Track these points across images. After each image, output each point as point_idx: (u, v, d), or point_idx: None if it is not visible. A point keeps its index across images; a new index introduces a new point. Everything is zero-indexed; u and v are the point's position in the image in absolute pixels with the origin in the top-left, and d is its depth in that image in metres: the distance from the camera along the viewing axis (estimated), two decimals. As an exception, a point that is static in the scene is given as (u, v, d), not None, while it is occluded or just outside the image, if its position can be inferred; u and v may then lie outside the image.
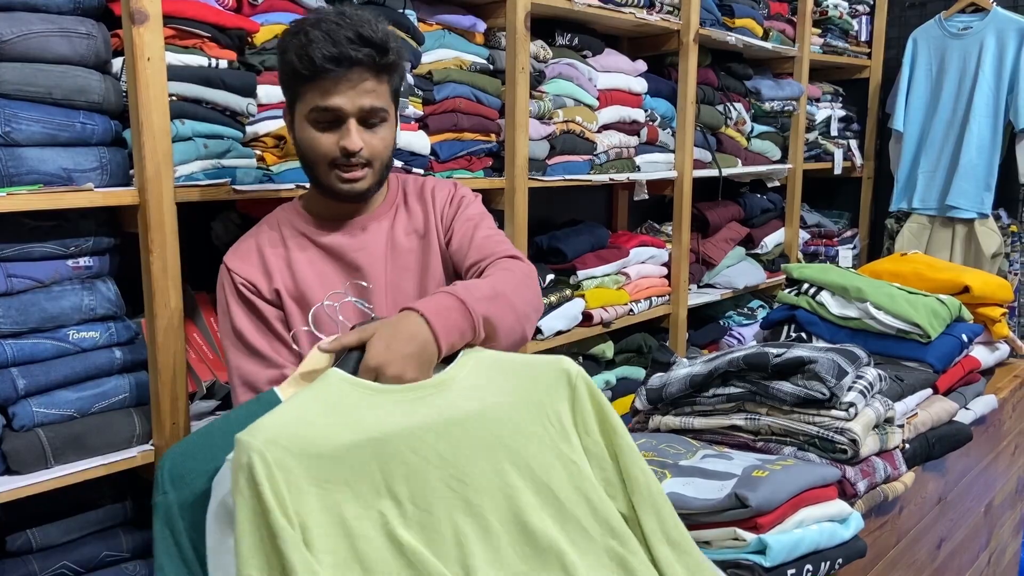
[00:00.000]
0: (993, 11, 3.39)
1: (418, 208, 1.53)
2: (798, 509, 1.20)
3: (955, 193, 3.44)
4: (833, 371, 1.34)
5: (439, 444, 1.02)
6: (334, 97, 1.33)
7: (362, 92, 1.34)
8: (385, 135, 1.41)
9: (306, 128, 1.37)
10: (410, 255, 1.50)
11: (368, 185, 1.42)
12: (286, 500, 0.92)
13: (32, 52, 1.41)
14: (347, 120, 1.35)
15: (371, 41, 1.32)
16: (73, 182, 1.46)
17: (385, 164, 1.43)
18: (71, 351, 1.51)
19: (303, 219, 1.48)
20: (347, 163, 1.37)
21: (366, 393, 1.03)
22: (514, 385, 1.10)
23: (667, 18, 2.65)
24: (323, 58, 1.29)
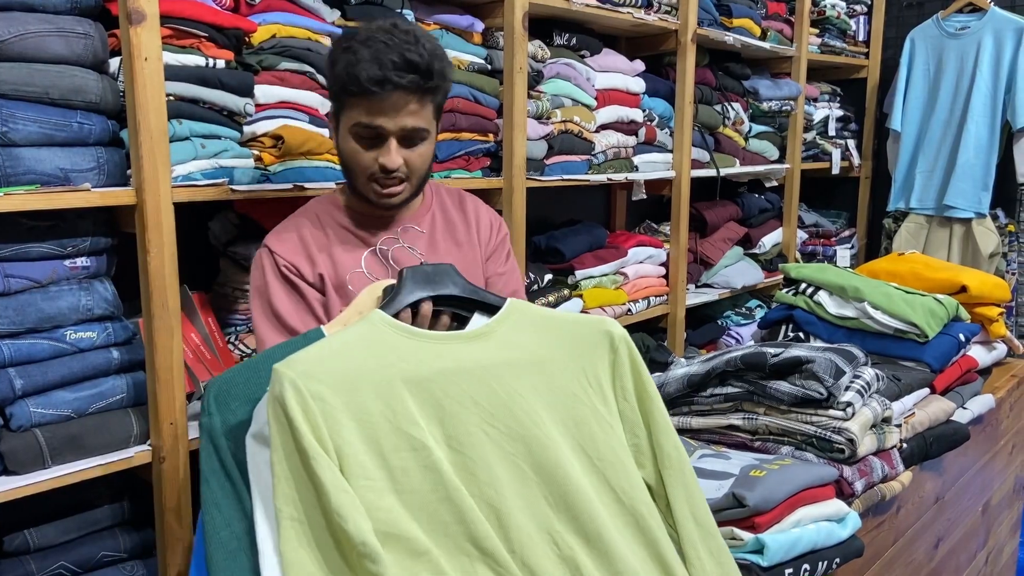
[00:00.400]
0: (991, 11, 3.40)
1: (458, 220, 1.59)
2: (795, 509, 1.20)
3: (953, 193, 3.45)
4: (831, 371, 1.34)
5: (474, 389, 1.05)
6: (377, 117, 1.37)
7: (405, 114, 1.38)
8: (424, 151, 1.45)
9: (349, 140, 1.42)
10: (450, 256, 1.55)
11: (404, 198, 1.47)
12: (321, 428, 0.96)
13: (29, 52, 1.41)
14: (388, 139, 1.39)
15: (416, 66, 1.35)
16: (70, 182, 1.46)
17: (422, 180, 1.49)
18: (68, 351, 1.51)
19: (344, 214, 1.52)
20: (385, 178, 1.41)
21: (407, 336, 1.07)
22: (556, 341, 1.12)
23: (665, 18, 2.65)
24: (368, 79, 1.33)
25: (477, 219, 1.61)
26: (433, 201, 1.59)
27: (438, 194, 1.62)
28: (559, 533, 1.03)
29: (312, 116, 1.83)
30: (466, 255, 1.57)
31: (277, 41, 1.76)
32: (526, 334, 1.12)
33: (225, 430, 1.08)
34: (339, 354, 1.01)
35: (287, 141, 1.74)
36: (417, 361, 1.05)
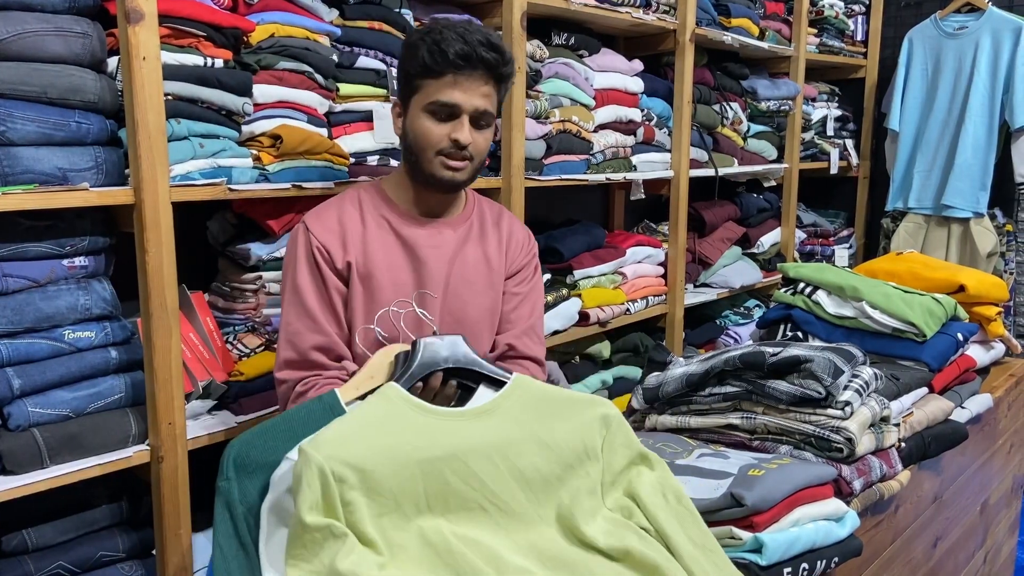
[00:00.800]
0: (988, 11, 3.40)
1: (493, 237, 1.64)
2: (794, 508, 1.20)
3: (951, 192, 3.45)
4: (829, 370, 1.34)
5: (480, 466, 1.11)
6: (456, 93, 1.45)
7: (480, 94, 1.47)
8: (488, 137, 1.53)
9: (421, 118, 1.48)
10: (476, 272, 1.60)
11: (465, 177, 1.52)
12: (337, 507, 1.03)
13: (27, 51, 1.41)
14: (461, 115, 1.47)
15: (498, 48, 1.46)
16: (68, 181, 1.46)
17: (481, 165, 1.55)
18: (67, 351, 1.51)
19: (386, 204, 1.57)
20: (455, 153, 1.48)
21: (419, 412, 1.13)
22: (555, 418, 1.17)
23: (663, 18, 2.65)
24: (456, 54, 1.42)
25: (510, 234, 1.66)
26: (474, 210, 1.64)
27: (479, 204, 1.66)
28: None
29: (310, 115, 1.83)
30: (494, 273, 1.62)
31: (275, 40, 1.76)
32: (528, 411, 1.17)
33: (242, 498, 1.11)
34: (360, 435, 1.08)
35: (285, 140, 1.74)
36: (430, 439, 1.10)
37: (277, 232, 1.84)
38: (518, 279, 1.67)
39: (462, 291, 1.58)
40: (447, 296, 1.57)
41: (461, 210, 1.62)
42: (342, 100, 1.92)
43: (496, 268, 1.62)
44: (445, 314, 1.57)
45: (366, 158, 1.95)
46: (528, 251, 1.69)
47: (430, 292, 1.53)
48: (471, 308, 1.59)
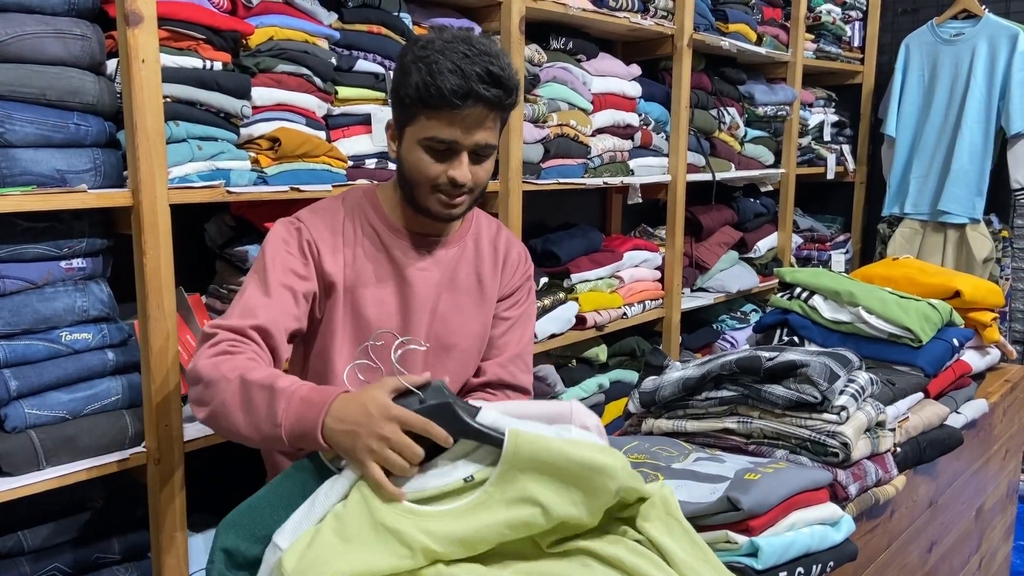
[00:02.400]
0: (985, 17, 3.42)
1: (488, 256, 1.56)
2: (790, 512, 1.20)
3: (947, 198, 3.46)
4: (825, 375, 1.35)
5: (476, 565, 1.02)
6: (454, 131, 1.32)
7: (481, 130, 1.34)
8: (489, 166, 1.42)
9: (416, 151, 1.36)
10: (467, 296, 1.53)
11: (464, 211, 1.43)
12: None
13: (26, 53, 1.41)
14: (461, 153, 1.35)
15: (500, 80, 1.31)
16: (67, 183, 1.46)
17: (482, 193, 1.45)
18: (63, 353, 1.51)
19: (378, 216, 1.47)
20: (452, 192, 1.37)
21: (406, 515, 1.02)
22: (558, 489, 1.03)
23: (661, 23, 2.66)
24: (451, 92, 1.28)
25: (507, 255, 1.58)
26: (471, 228, 1.55)
27: (477, 221, 1.58)
28: None
29: (309, 118, 1.83)
30: (485, 295, 1.54)
31: (274, 44, 1.76)
32: (528, 485, 1.03)
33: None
34: (346, 552, 0.99)
35: (284, 143, 1.74)
36: (422, 544, 1.00)
37: (275, 235, 1.84)
38: (510, 302, 1.59)
39: (450, 318, 1.51)
40: (434, 321, 1.49)
41: (457, 228, 1.53)
42: (340, 103, 1.92)
43: (489, 290, 1.55)
44: (431, 338, 1.49)
45: (364, 161, 1.95)
46: (524, 273, 1.61)
47: (416, 342, 1.38)
48: (458, 336, 1.52)
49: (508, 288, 1.59)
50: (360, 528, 1.01)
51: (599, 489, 1.02)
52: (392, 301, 1.47)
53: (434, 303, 1.49)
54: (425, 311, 1.48)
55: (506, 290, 1.59)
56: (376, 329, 1.43)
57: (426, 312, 1.48)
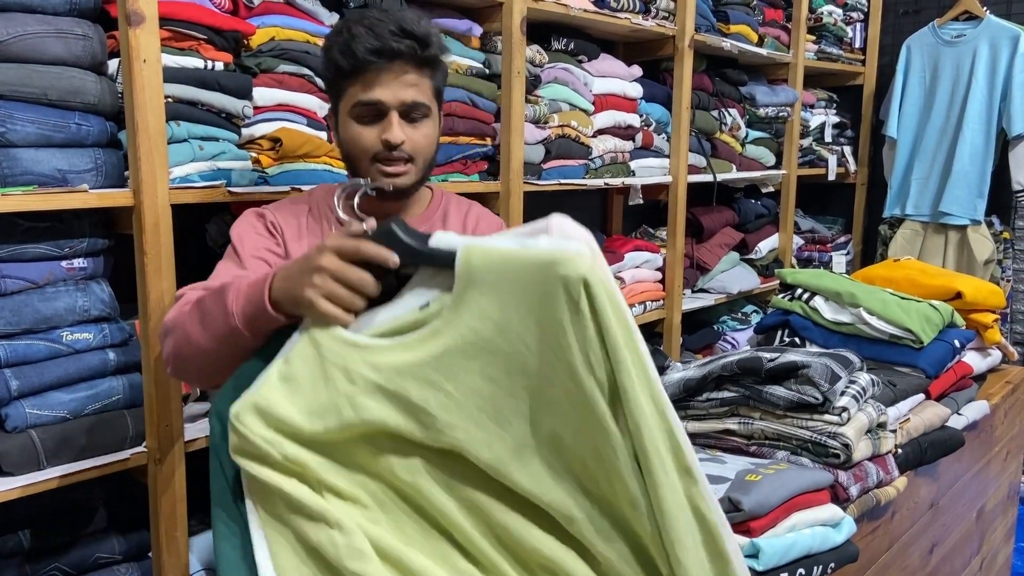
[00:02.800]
0: (987, 19, 3.41)
1: (458, 231, 1.47)
2: (791, 513, 1.20)
3: (948, 200, 3.46)
4: (826, 376, 1.35)
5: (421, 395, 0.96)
6: (376, 90, 1.33)
7: (404, 85, 1.34)
8: (428, 131, 1.40)
9: (349, 124, 1.37)
10: None
11: (411, 181, 1.41)
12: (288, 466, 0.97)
13: (28, 53, 1.41)
14: (389, 113, 1.35)
15: (413, 34, 1.32)
16: (68, 183, 1.46)
17: (428, 162, 1.43)
18: (64, 352, 1.51)
19: (344, 205, 1.45)
20: (389, 156, 1.37)
21: (352, 348, 0.97)
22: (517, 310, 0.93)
23: (662, 24, 2.66)
24: (365, 51, 1.30)
25: (475, 228, 1.55)
26: (439, 208, 1.54)
27: (446, 204, 1.56)
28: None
29: (310, 119, 1.83)
30: None
31: (276, 44, 1.76)
32: (484, 312, 0.94)
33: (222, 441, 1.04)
34: (289, 393, 0.98)
35: (285, 144, 1.74)
36: (367, 379, 0.97)
37: (276, 235, 1.84)
38: None
39: None
40: None
41: (422, 211, 1.52)
42: (342, 104, 1.92)
43: None
44: None
45: (365, 162, 1.95)
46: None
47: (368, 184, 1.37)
48: None
49: None
50: (305, 367, 0.98)
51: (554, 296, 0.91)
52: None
53: None
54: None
55: None
56: None
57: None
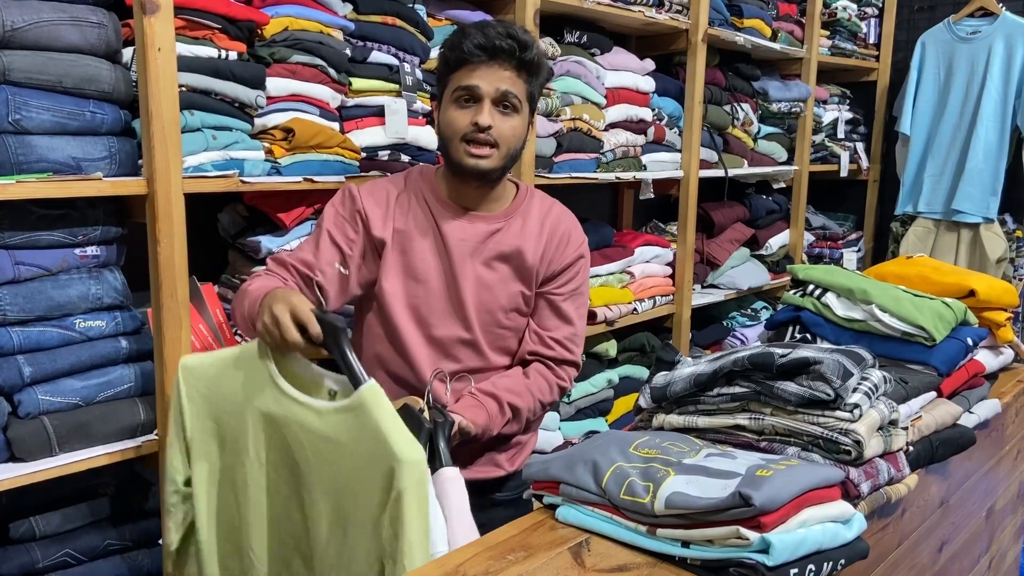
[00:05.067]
0: (1002, 16, 3.39)
1: (534, 232, 1.65)
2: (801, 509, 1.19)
3: (961, 197, 3.44)
4: (838, 372, 1.34)
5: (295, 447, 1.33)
6: (475, 78, 1.52)
7: (500, 78, 1.52)
8: (515, 124, 1.56)
9: (448, 108, 1.55)
10: (505, 265, 1.63)
11: (492, 166, 1.55)
12: (187, 418, 1.40)
13: (43, 40, 1.42)
14: (483, 99, 1.52)
15: (515, 37, 1.52)
16: (82, 171, 1.47)
17: (510, 153, 1.58)
18: (77, 340, 1.51)
19: (431, 191, 1.64)
20: (476, 138, 1.53)
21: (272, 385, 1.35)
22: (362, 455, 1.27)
23: (676, 17, 2.65)
24: (472, 45, 1.51)
25: (552, 231, 1.67)
26: (521, 205, 1.67)
27: (531, 200, 1.68)
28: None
29: (323, 109, 1.83)
30: (524, 264, 1.64)
31: (289, 34, 1.76)
32: (348, 434, 1.28)
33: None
34: (226, 374, 1.38)
35: (297, 134, 1.74)
36: (269, 407, 1.35)
37: (287, 225, 1.84)
38: (560, 281, 1.68)
39: (485, 284, 1.62)
40: (470, 283, 1.61)
41: (507, 204, 1.65)
42: (354, 95, 1.92)
43: (530, 264, 1.64)
44: (470, 300, 1.61)
45: (377, 153, 1.95)
46: (574, 252, 1.69)
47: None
48: (491, 301, 1.63)
49: (556, 265, 1.67)
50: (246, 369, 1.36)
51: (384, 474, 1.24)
52: (435, 263, 1.61)
53: (472, 268, 1.61)
54: (463, 276, 1.61)
55: (554, 268, 1.67)
56: (422, 282, 1.61)
57: (464, 277, 1.61)
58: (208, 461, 1.43)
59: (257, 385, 1.36)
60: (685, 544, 1.16)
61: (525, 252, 1.64)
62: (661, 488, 1.18)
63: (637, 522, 1.18)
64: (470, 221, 1.62)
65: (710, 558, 1.14)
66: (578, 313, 1.72)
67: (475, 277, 1.62)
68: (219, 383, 1.39)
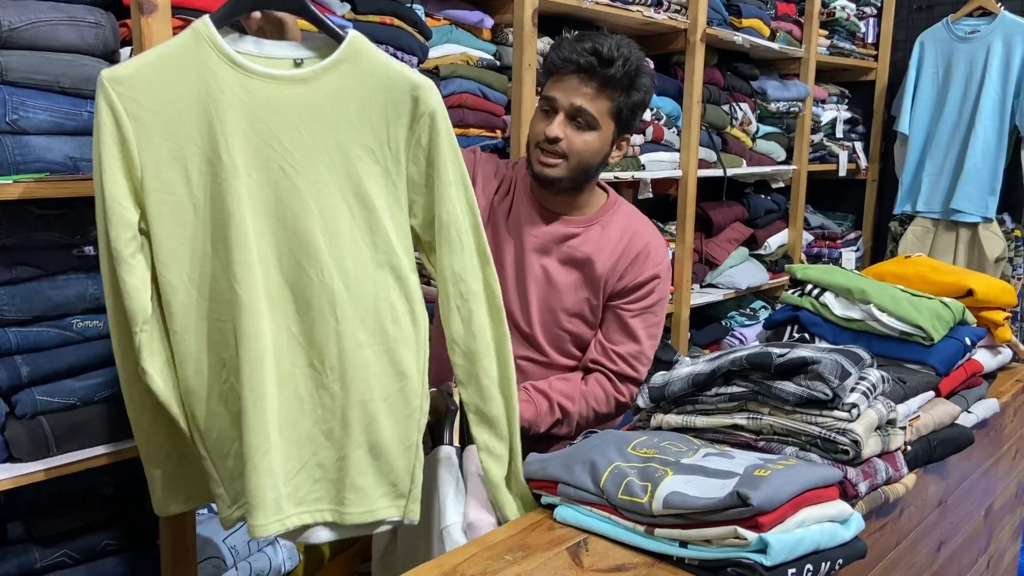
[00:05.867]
0: (1001, 15, 3.39)
1: (610, 243, 1.68)
2: (799, 509, 1.20)
3: (959, 197, 3.44)
4: (836, 372, 1.34)
5: (282, 130, 1.19)
6: (555, 90, 1.58)
7: (577, 93, 1.56)
8: (588, 139, 1.59)
9: (535, 114, 1.64)
10: (575, 270, 1.68)
11: (557, 175, 1.61)
12: (131, 143, 1.16)
13: (40, 40, 1.41)
14: (558, 111, 1.58)
15: (598, 52, 1.54)
16: (79, 171, 1.47)
17: (581, 166, 1.61)
18: (75, 340, 1.51)
19: (524, 185, 1.73)
20: (546, 147, 1.59)
21: (229, 65, 1.17)
22: (372, 99, 1.22)
23: (674, 17, 2.65)
24: (557, 57, 1.56)
25: (627, 247, 1.68)
26: (604, 215, 1.70)
27: (617, 212, 1.71)
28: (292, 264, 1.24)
29: (321, 109, 1.83)
30: (593, 274, 1.67)
31: (287, 34, 1.75)
32: (348, 88, 1.21)
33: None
34: (164, 77, 1.15)
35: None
36: (236, 96, 1.17)
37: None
38: (632, 298, 1.69)
39: (552, 283, 1.68)
40: (543, 285, 1.67)
41: (592, 211, 1.70)
42: (352, 94, 1.91)
43: (599, 273, 1.67)
44: (534, 293, 1.67)
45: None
46: (649, 273, 1.69)
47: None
48: (554, 300, 1.68)
49: (629, 281, 1.69)
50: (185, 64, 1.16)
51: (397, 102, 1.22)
52: (509, 251, 1.69)
53: (539, 265, 1.68)
54: (530, 270, 1.69)
55: (626, 283, 1.69)
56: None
57: (531, 271, 1.69)
58: (169, 193, 1.19)
59: (211, 78, 1.16)
60: (683, 544, 1.16)
61: (596, 262, 1.66)
62: (659, 488, 1.18)
63: (635, 522, 1.19)
64: (548, 221, 1.68)
65: (708, 558, 1.14)
66: (647, 332, 1.72)
67: (542, 274, 1.67)
68: (162, 89, 1.16)
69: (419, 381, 1.31)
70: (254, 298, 1.21)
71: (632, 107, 1.62)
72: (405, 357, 1.29)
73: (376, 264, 1.26)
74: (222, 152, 1.18)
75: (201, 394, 1.27)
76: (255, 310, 1.21)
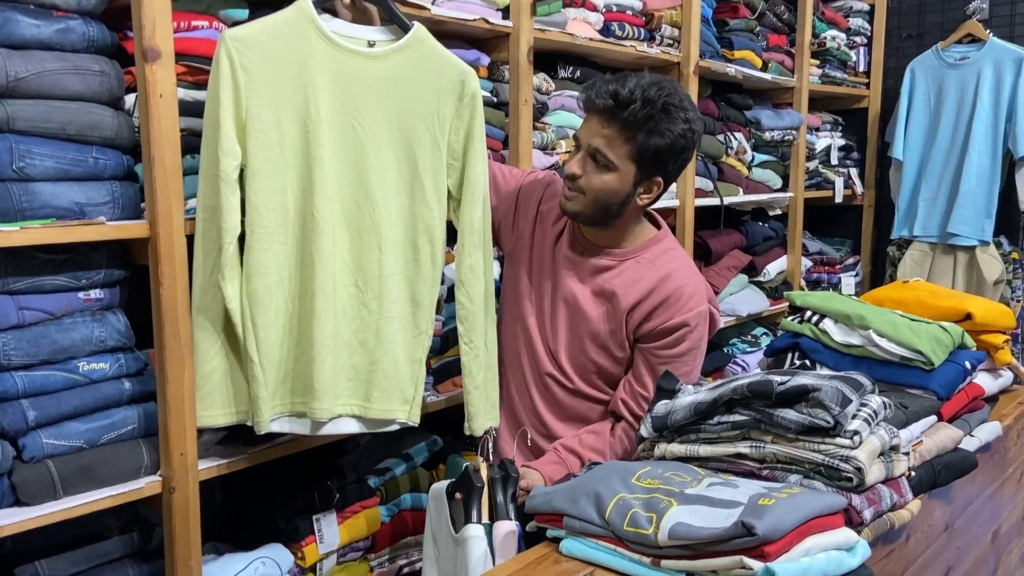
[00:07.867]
0: (990, 41, 3.44)
1: (637, 283, 1.70)
2: (805, 537, 1.20)
3: (956, 221, 3.46)
4: (837, 399, 1.35)
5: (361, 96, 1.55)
6: (582, 129, 1.66)
7: (597, 134, 1.61)
8: (606, 179, 1.62)
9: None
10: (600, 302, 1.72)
11: (575, 210, 1.68)
12: (241, 90, 1.46)
13: (47, 89, 1.44)
14: (580, 150, 1.64)
15: (616, 95, 1.57)
16: (85, 216, 1.49)
17: (598, 204, 1.65)
18: (81, 383, 1.52)
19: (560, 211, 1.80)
20: (568, 183, 1.66)
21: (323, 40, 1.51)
22: (431, 77, 1.61)
23: (667, 51, 2.69)
24: (585, 98, 1.63)
25: (652, 290, 1.69)
26: (646, 251, 1.74)
27: (652, 250, 1.73)
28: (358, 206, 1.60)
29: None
30: (615, 309, 1.70)
31: (288, 76, 1.79)
32: (411, 67, 1.58)
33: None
34: (271, 41, 1.46)
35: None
36: (325, 63, 1.51)
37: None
38: (659, 344, 1.70)
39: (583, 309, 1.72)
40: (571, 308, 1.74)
41: (632, 245, 1.74)
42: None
43: (621, 308, 1.69)
44: (569, 327, 1.74)
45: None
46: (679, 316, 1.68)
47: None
48: (581, 325, 1.72)
49: (656, 324, 1.69)
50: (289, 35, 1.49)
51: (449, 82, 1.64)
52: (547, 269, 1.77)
53: (570, 287, 1.75)
54: (561, 290, 1.76)
55: (653, 325, 1.69)
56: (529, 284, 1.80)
57: (561, 292, 1.75)
58: (264, 134, 1.48)
59: (307, 47, 1.48)
60: (690, 575, 1.16)
61: (620, 296, 1.69)
62: (664, 519, 1.18)
63: (641, 554, 1.19)
64: (588, 251, 1.75)
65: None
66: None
67: (573, 300, 1.73)
68: (269, 50, 1.46)
69: (429, 311, 1.67)
70: (330, 225, 1.54)
71: (656, 150, 1.59)
72: (421, 290, 1.66)
73: (413, 211, 1.63)
74: (311, 107, 1.49)
75: (265, 304, 1.54)
76: (330, 235, 1.54)
